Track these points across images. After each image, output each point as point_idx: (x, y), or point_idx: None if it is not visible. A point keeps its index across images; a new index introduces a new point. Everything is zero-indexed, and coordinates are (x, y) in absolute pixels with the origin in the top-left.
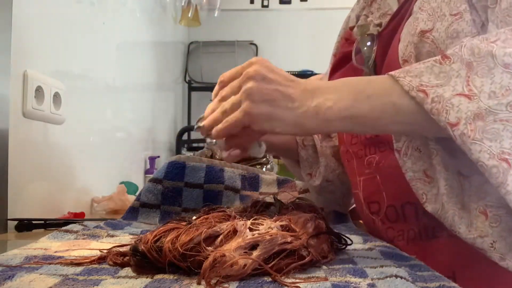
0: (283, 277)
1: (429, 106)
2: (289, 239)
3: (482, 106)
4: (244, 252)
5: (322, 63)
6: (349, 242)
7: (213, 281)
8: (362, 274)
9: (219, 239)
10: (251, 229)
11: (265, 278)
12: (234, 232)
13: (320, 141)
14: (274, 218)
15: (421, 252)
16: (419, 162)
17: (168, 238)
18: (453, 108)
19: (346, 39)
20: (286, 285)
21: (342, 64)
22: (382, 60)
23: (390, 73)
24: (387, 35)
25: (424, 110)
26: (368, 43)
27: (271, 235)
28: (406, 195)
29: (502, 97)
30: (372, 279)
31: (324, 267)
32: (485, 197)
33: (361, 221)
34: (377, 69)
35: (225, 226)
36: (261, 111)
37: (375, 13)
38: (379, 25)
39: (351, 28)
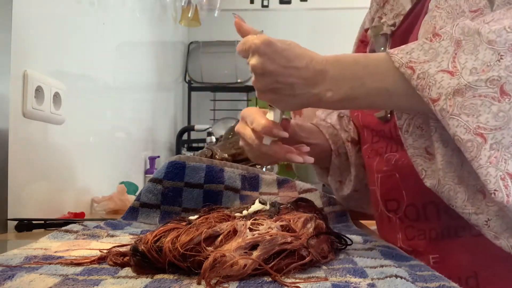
0: (283, 277)
1: (415, 82)
2: (289, 239)
3: (462, 82)
4: (244, 252)
5: None
6: (349, 242)
7: (213, 281)
8: (362, 274)
9: (219, 239)
10: (251, 229)
11: (265, 278)
12: (234, 232)
13: (351, 151)
14: (274, 218)
15: (443, 251)
16: (420, 140)
17: (168, 238)
18: (435, 84)
19: (362, 40)
20: (286, 285)
21: None
22: None
23: (388, 50)
24: (402, 34)
25: (412, 88)
26: (382, 43)
27: (271, 235)
28: (428, 195)
29: (482, 73)
30: (372, 279)
31: (324, 267)
32: None
33: (361, 221)
34: None
35: (225, 226)
36: (267, 99)
37: (388, 14)
38: (393, 25)
39: (366, 30)
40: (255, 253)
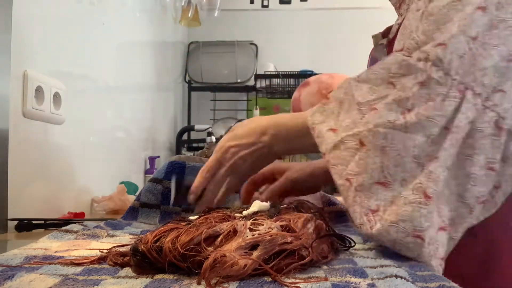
0: (283, 277)
1: (316, 139)
2: (289, 239)
3: (337, 138)
4: (244, 252)
5: (322, 63)
6: (352, 244)
7: (213, 281)
8: (362, 274)
9: (219, 239)
10: (251, 229)
11: (265, 278)
12: (234, 232)
13: None
14: (274, 218)
15: None
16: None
17: (168, 238)
18: (324, 140)
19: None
20: (286, 285)
21: None
22: None
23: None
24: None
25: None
26: (381, 52)
27: (271, 235)
28: None
29: (350, 130)
30: (372, 279)
31: (324, 267)
32: None
33: None
34: None
35: (225, 226)
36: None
37: (399, 18)
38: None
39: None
40: (255, 253)
